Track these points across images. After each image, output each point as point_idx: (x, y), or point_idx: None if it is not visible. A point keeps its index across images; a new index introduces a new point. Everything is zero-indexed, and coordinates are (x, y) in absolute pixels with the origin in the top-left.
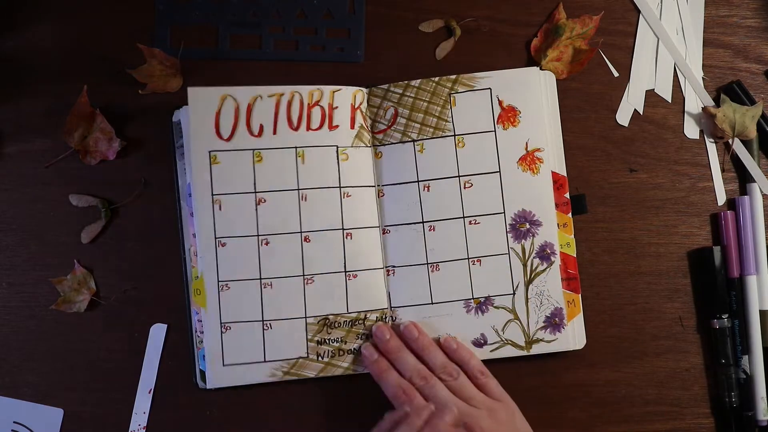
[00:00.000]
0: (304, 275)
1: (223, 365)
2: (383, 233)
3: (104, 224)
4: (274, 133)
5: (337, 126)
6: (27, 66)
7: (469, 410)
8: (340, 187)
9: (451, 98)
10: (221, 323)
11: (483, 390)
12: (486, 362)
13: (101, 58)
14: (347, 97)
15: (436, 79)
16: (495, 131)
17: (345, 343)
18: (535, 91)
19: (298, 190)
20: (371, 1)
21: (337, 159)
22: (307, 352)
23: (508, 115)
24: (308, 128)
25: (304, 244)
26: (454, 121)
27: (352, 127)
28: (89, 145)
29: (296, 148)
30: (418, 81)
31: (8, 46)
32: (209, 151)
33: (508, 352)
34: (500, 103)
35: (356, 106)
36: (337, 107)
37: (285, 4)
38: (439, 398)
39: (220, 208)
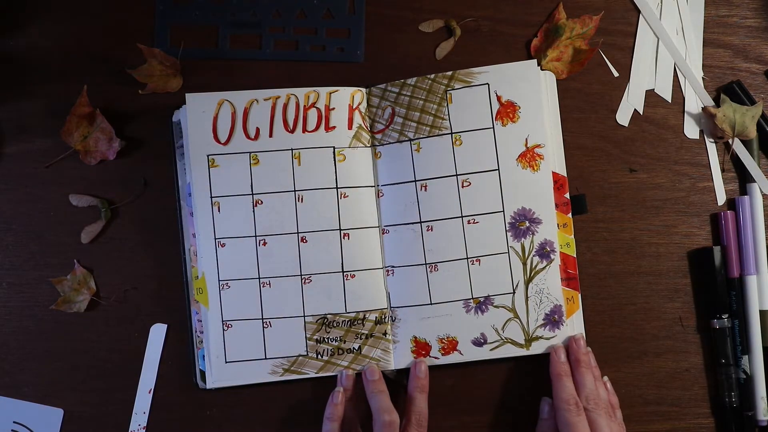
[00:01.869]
0: (301, 275)
1: (226, 362)
2: (382, 233)
3: (104, 224)
4: (270, 135)
5: (333, 127)
6: (27, 66)
7: None
8: (336, 187)
9: (448, 95)
10: (223, 321)
11: None
12: (486, 362)
13: (101, 58)
14: (345, 98)
15: (432, 76)
16: (493, 128)
17: (344, 342)
18: (534, 84)
19: (294, 191)
20: (371, 1)
21: (334, 160)
22: (307, 350)
23: (506, 111)
24: (304, 130)
25: (300, 245)
26: (451, 118)
27: (350, 127)
28: (89, 145)
29: (292, 150)
30: (414, 79)
31: (8, 46)
32: (207, 155)
33: (508, 350)
34: (498, 98)
35: (354, 107)
36: (333, 108)
37: (285, 4)
38: (600, 426)
39: (218, 210)
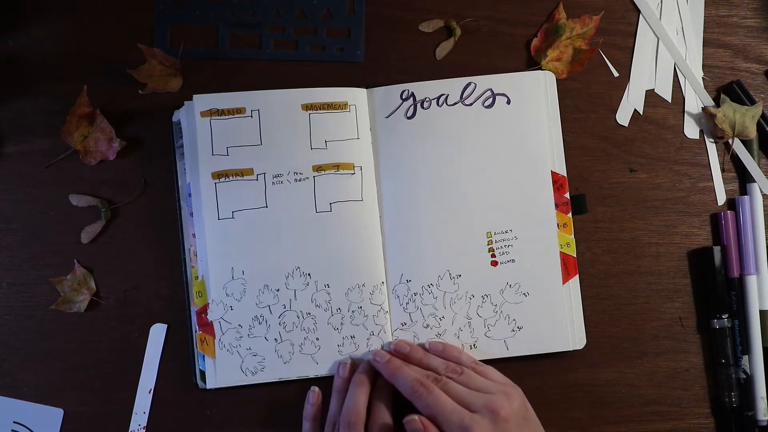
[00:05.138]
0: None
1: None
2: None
3: (104, 224)
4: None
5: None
6: (27, 66)
7: (487, 397)
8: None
9: None
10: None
11: (487, 378)
12: (484, 362)
13: (101, 58)
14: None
15: None
16: None
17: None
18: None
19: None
20: (371, 1)
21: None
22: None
23: None
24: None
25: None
26: None
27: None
28: (89, 145)
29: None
30: None
31: (8, 46)
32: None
33: None
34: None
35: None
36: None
37: (285, 4)
38: (454, 393)
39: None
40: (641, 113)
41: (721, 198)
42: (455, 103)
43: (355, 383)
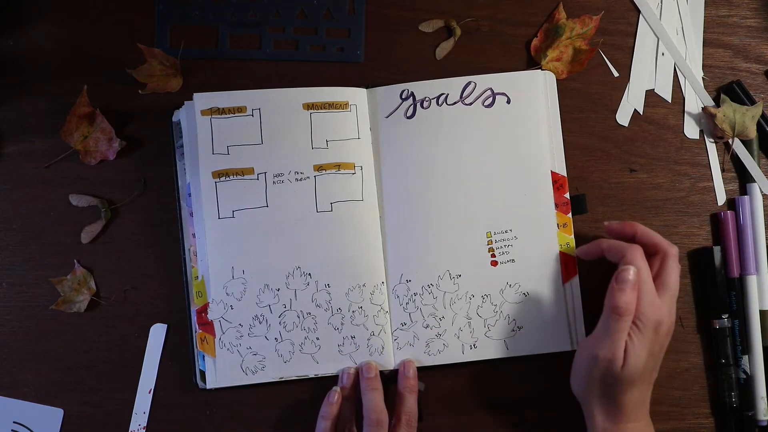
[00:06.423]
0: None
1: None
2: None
3: (104, 224)
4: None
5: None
6: (27, 66)
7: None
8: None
9: None
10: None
11: None
12: (485, 362)
13: (101, 58)
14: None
15: None
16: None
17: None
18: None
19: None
20: (371, 1)
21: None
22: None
23: None
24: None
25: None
26: None
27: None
28: (89, 145)
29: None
30: None
31: (8, 46)
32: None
33: None
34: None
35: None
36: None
37: (285, 4)
38: None
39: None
40: (641, 113)
41: (721, 198)
42: (455, 103)
43: (371, 387)
